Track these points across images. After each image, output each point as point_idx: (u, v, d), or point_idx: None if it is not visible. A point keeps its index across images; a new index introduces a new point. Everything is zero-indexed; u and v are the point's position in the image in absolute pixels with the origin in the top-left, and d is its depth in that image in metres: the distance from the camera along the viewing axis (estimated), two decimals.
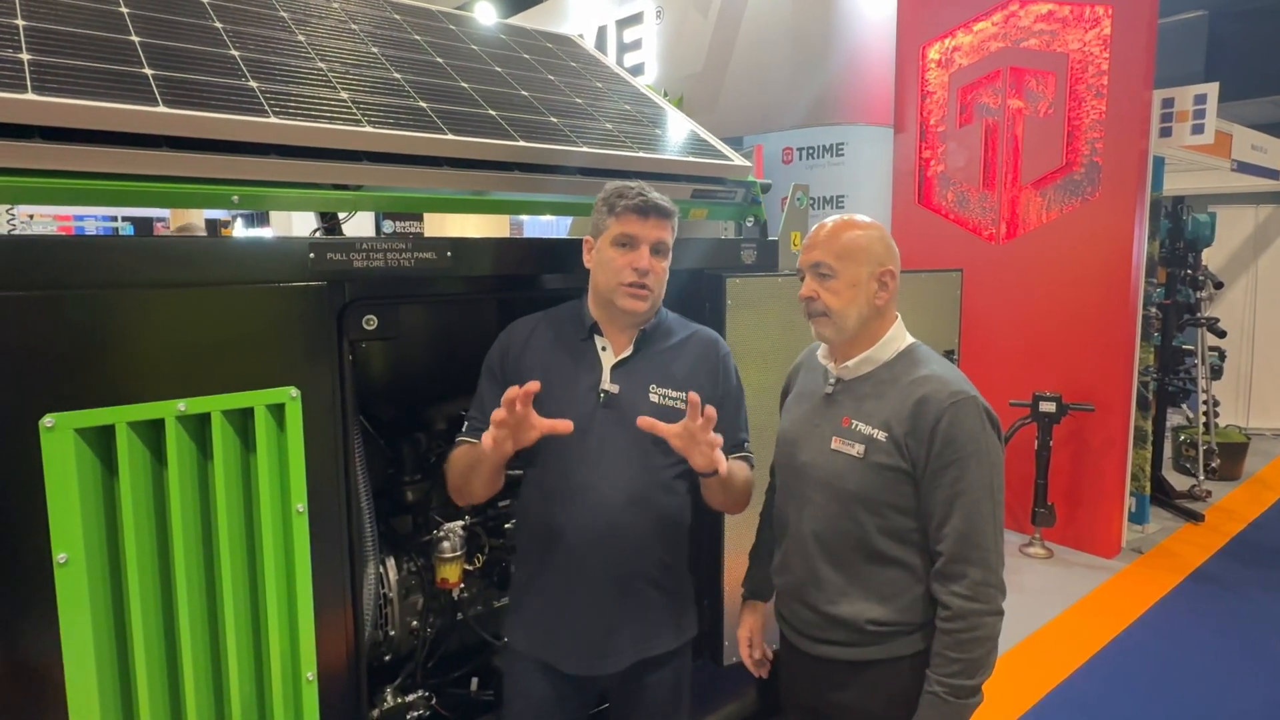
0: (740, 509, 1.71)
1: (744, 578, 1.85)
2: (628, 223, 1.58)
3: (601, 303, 1.64)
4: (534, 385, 1.40)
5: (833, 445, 1.53)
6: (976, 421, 1.43)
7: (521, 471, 1.68)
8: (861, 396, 1.52)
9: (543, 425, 1.45)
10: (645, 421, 1.47)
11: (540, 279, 1.94)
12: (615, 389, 1.61)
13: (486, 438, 1.43)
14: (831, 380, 1.58)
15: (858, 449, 1.49)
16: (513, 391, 1.39)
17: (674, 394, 1.62)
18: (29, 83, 1.35)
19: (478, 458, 1.53)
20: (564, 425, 1.45)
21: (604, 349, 1.65)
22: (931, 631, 1.46)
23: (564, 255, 1.89)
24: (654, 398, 1.62)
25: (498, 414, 1.40)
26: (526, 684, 1.67)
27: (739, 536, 2.07)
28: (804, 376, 1.70)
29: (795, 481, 1.60)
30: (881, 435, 1.47)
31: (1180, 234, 5.37)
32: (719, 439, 1.48)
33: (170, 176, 1.47)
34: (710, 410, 1.45)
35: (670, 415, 1.57)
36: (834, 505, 1.52)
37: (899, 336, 1.56)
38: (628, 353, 1.64)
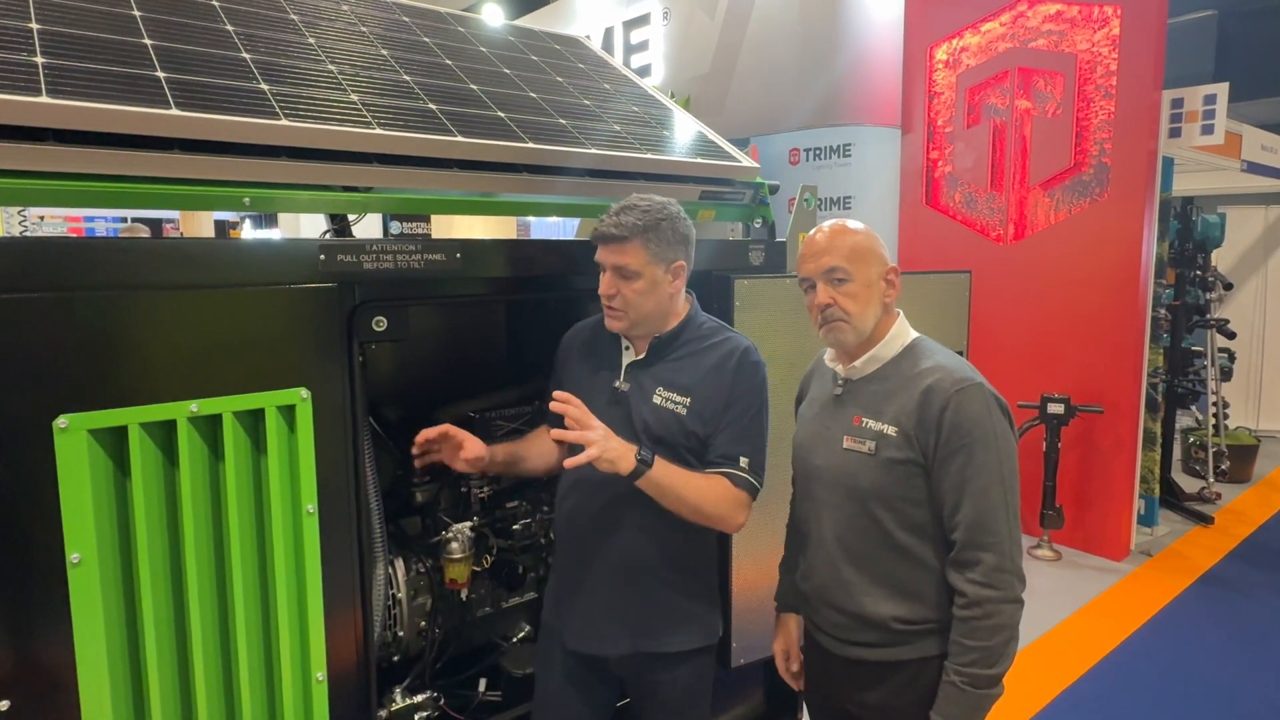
0: (710, 523, 1.64)
1: (776, 591, 1.84)
2: (598, 250, 1.66)
3: None
4: (436, 430, 1.72)
5: (844, 445, 1.53)
6: (982, 408, 1.43)
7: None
8: (870, 395, 1.53)
9: (470, 452, 1.72)
10: (556, 434, 1.55)
11: (549, 280, 1.94)
12: (625, 388, 1.71)
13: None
14: (839, 382, 1.59)
15: (869, 446, 1.49)
16: (427, 433, 1.73)
17: (678, 398, 1.67)
18: (43, 86, 1.36)
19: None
20: (477, 453, 1.73)
21: (627, 348, 1.75)
22: None
23: (572, 256, 1.90)
24: (657, 399, 1.68)
25: (414, 450, 1.76)
26: (550, 655, 1.81)
27: (746, 539, 2.07)
28: (815, 383, 1.71)
29: (812, 486, 1.61)
30: (892, 430, 1.47)
31: (1189, 235, 5.34)
32: (592, 437, 1.50)
33: (182, 179, 1.48)
34: (566, 398, 1.53)
35: (669, 417, 1.66)
36: (850, 505, 1.52)
37: (903, 333, 1.57)
38: (641, 356, 1.72)
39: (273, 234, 6.94)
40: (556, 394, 1.55)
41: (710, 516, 1.63)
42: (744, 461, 1.64)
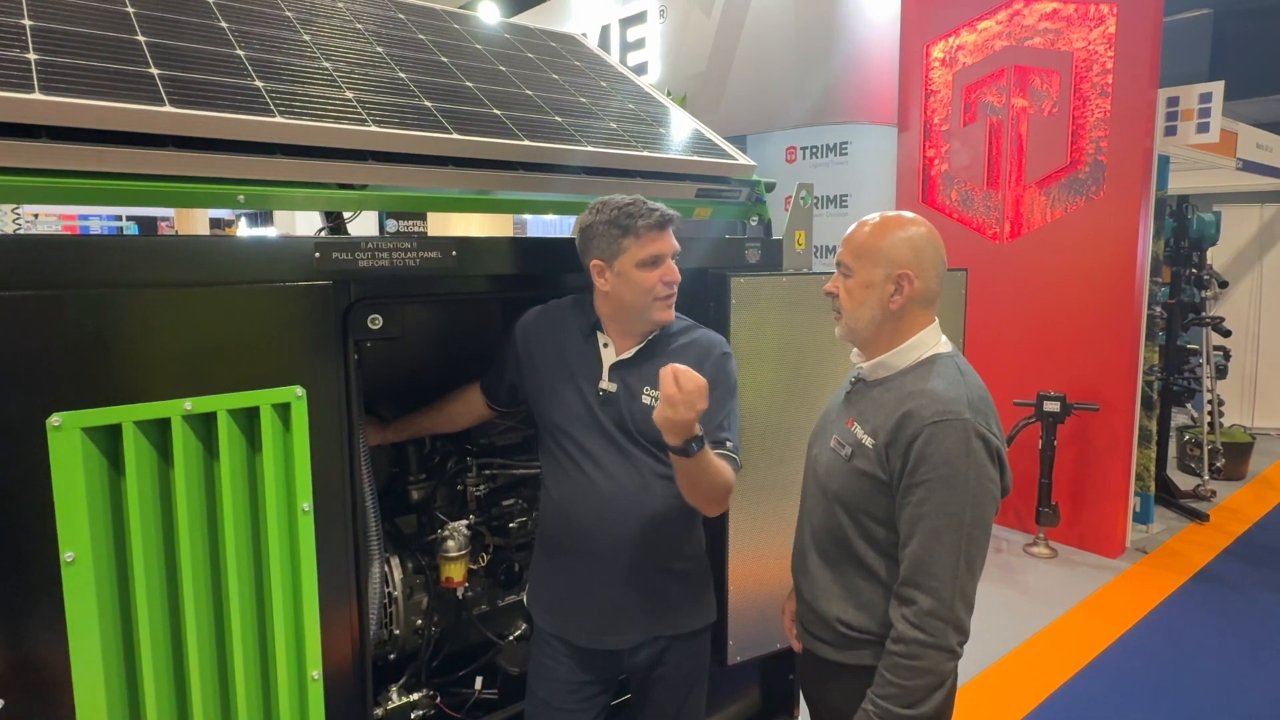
0: (714, 509, 1.67)
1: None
2: (651, 241, 1.62)
3: (629, 318, 1.68)
4: None
5: (831, 443, 1.54)
6: (958, 446, 1.34)
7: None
8: (868, 401, 1.51)
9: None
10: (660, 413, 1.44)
11: (545, 278, 1.94)
12: (613, 387, 1.69)
13: None
14: (852, 378, 1.60)
15: (846, 451, 1.49)
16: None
17: None
18: (36, 82, 1.35)
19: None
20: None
21: (605, 345, 1.72)
22: None
23: (568, 254, 1.89)
24: (645, 399, 1.68)
25: None
26: (549, 659, 1.79)
27: (743, 535, 2.07)
28: (849, 375, 1.71)
29: (808, 473, 1.64)
30: (868, 442, 1.45)
31: (1185, 233, 5.35)
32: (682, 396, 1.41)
33: (177, 176, 1.47)
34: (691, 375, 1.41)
35: None
36: (823, 502, 1.54)
37: (924, 345, 1.48)
38: (629, 354, 1.70)
39: (267, 232, 6.92)
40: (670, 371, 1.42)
41: (724, 494, 1.63)
42: (729, 444, 1.69)
